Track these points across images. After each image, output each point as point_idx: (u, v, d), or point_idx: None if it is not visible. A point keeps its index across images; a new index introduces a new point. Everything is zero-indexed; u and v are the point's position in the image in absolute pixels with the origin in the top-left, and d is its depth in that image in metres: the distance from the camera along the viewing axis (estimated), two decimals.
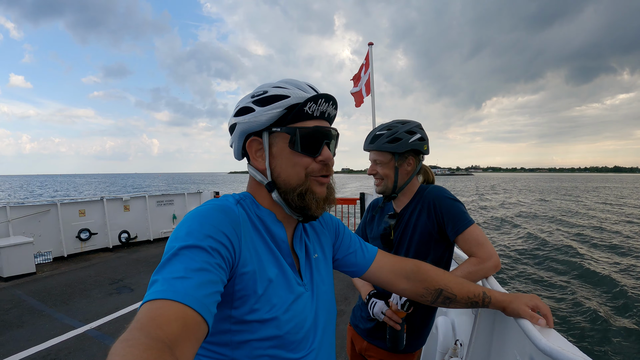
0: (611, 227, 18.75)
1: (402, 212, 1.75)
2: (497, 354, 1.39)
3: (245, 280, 0.80)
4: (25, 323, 4.40)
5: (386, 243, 1.74)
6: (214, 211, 0.81)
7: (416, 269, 1.18)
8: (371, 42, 6.92)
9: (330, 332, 1.02)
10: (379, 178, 1.71)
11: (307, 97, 0.88)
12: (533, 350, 1.04)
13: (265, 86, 0.92)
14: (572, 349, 0.88)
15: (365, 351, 1.81)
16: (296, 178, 0.91)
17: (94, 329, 4.23)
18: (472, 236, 1.51)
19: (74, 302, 5.10)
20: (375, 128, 1.71)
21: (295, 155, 0.90)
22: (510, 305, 1.14)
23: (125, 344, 0.52)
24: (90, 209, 8.33)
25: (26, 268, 6.41)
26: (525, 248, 13.90)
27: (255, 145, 0.93)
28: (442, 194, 1.63)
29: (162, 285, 0.64)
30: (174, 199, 10.08)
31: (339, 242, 1.17)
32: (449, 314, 2.49)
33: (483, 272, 1.46)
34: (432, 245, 1.65)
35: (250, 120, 0.88)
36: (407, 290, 1.19)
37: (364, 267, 1.17)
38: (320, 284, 1.01)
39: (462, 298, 1.18)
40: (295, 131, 0.88)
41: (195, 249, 0.71)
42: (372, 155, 1.72)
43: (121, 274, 6.49)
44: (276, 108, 0.87)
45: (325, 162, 0.92)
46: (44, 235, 7.47)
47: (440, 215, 1.59)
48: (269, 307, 0.82)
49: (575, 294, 8.59)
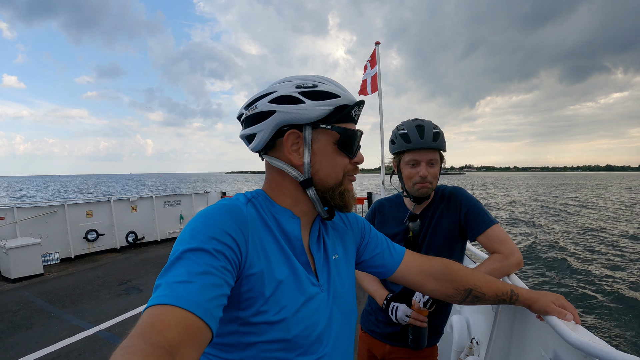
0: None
1: (423, 213, 1.72)
2: (517, 350, 1.41)
3: (252, 282, 0.78)
4: (34, 324, 4.41)
5: (411, 246, 1.69)
6: (220, 212, 0.79)
7: (445, 269, 1.16)
8: (378, 41, 6.93)
9: (347, 336, 0.98)
10: (429, 181, 1.60)
11: (355, 101, 0.90)
12: (558, 345, 1.07)
13: (305, 78, 0.89)
14: (601, 342, 0.89)
15: (389, 355, 1.78)
16: (334, 177, 0.91)
17: (104, 330, 4.24)
18: (495, 234, 1.53)
19: (82, 303, 5.11)
20: (422, 123, 1.61)
21: (338, 154, 0.90)
22: (538, 302, 1.16)
23: (125, 350, 0.51)
24: (97, 209, 8.38)
25: (34, 269, 6.44)
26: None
27: (293, 139, 0.88)
28: (464, 194, 1.66)
29: (164, 290, 0.63)
30: (180, 200, 10.12)
31: (365, 242, 1.15)
32: (463, 313, 2.46)
33: (507, 268, 1.46)
34: (452, 245, 1.66)
35: (298, 111, 0.84)
36: (436, 291, 1.17)
37: (392, 268, 1.15)
38: (338, 285, 0.98)
39: (490, 296, 1.18)
40: (344, 131, 0.89)
41: (199, 251, 0.70)
42: (428, 155, 1.59)
43: (129, 275, 6.52)
44: (328, 105, 0.85)
45: (359, 163, 0.96)
46: (51, 236, 7.52)
47: (464, 215, 1.61)
48: (277, 309, 0.80)
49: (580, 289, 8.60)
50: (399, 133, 1.63)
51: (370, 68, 6.98)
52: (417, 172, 1.60)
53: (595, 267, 10.51)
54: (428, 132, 1.57)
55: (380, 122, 6.78)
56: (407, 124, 1.62)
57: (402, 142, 1.61)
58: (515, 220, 20.66)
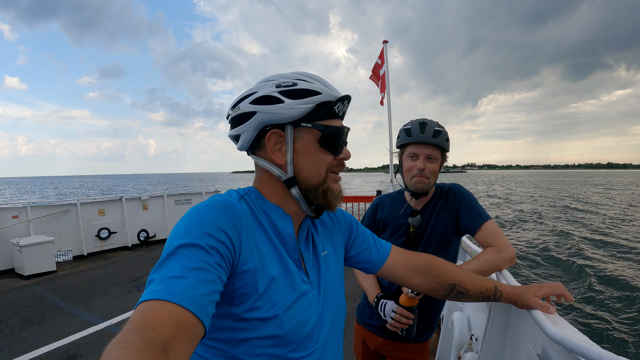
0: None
1: (423, 209, 1.76)
2: (511, 346, 1.40)
3: (245, 278, 0.78)
4: (47, 319, 4.50)
5: (411, 241, 1.74)
6: (214, 208, 0.79)
7: (429, 264, 1.18)
8: (386, 39, 6.90)
9: (338, 331, 1.00)
10: (425, 175, 1.65)
11: (338, 97, 0.88)
12: (545, 340, 1.07)
13: (286, 76, 0.88)
14: (581, 337, 0.88)
15: (382, 347, 1.83)
16: (317, 175, 0.90)
17: (114, 325, 4.31)
18: (490, 229, 1.57)
19: (94, 299, 5.20)
20: (425, 121, 1.66)
21: (321, 152, 0.89)
22: (520, 299, 1.16)
23: (118, 345, 0.51)
24: (109, 208, 8.49)
25: (47, 266, 6.56)
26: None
27: (275, 138, 0.88)
28: (461, 190, 1.72)
29: (157, 285, 0.63)
30: (191, 198, 10.21)
31: (353, 238, 1.16)
32: (464, 310, 2.47)
33: (500, 262, 1.48)
34: (449, 240, 1.71)
35: (278, 111, 0.83)
36: (422, 285, 1.19)
37: (378, 263, 1.16)
38: (329, 281, 0.99)
39: (474, 292, 1.19)
40: (326, 129, 0.87)
41: (193, 247, 0.70)
42: (427, 150, 1.65)
43: (140, 272, 6.60)
44: (308, 103, 0.85)
45: (345, 160, 0.95)
46: (64, 234, 7.65)
47: (460, 211, 1.66)
48: (270, 306, 0.80)
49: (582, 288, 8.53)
50: (403, 128, 1.72)
51: (380, 69, 6.95)
52: (415, 165, 1.66)
53: (603, 265, 10.45)
54: (429, 129, 1.64)
55: (388, 121, 6.76)
56: (412, 121, 1.70)
57: (404, 136, 1.69)
58: (512, 219, 20.77)
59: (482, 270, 1.46)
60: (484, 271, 1.46)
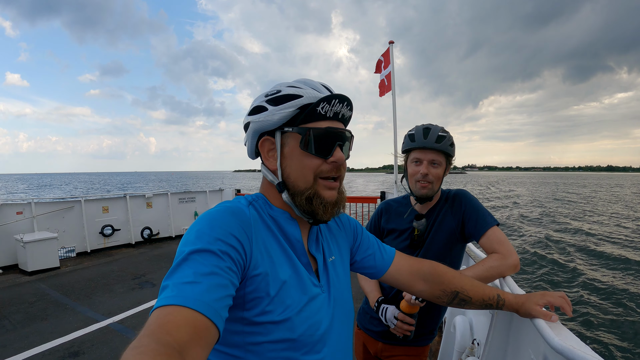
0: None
1: (429, 213, 1.76)
2: (513, 353, 1.40)
3: (257, 282, 0.79)
4: (50, 316, 4.52)
5: (415, 245, 1.74)
6: (224, 214, 0.81)
7: (433, 271, 1.18)
8: (392, 40, 6.89)
9: (347, 334, 1.00)
10: (429, 181, 1.66)
11: (320, 97, 0.86)
12: (547, 349, 1.06)
13: (279, 85, 0.91)
14: (584, 348, 0.88)
15: (382, 352, 1.84)
16: (303, 180, 0.89)
17: (116, 322, 4.33)
18: (495, 235, 1.57)
19: (97, 296, 5.22)
20: (429, 126, 1.67)
21: (306, 156, 0.88)
22: (523, 307, 1.16)
23: (136, 351, 0.52)
24: (113, 205, 8.52)
25: (50, 262, 6.60)
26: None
27: (268, 145, 0.91)
28: (468, 196, 1.72)
29: (171, 291, 0.64)
30: (195, 197, 10.23)
31: (358, 243, 1.17)
32: (467, 314, 2.46)
33: (504, 268, 1.48)
34: (453, 245, 1.71)
35: (263, 119, 0.87)
36: (425, 292, 1.19)
37: (382, 269, 1.17)
38: (337, 285, 1.00)
39: (477, 300, 1.19)
40: (306, 131, 0.86)
41: (205, 252, 0.71)
42: (430, 155, 1.65)
43: (143, 270, 6.63)
44: (288, 107, 0.86)
45: (337, 163, 0.90)
46: (68, 230, 7.68)
47: (466, 216, 1.66)
48: (282, 309, 0.81)
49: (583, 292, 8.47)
50: (408, 134, 1.73)
51: (384, 68, 6.94)
52: (419, 170, 1.66)
53: (603, 272, 10.41)
54: (433, 134, 1.64)
55: (393, 122, 6.76)
56: (417, 127, 1.71)
57: (408, 142, 1.71)
58: (513, 221, 20.74)
59: (485, 276, 1.45)
60: (487, 277, 1.45)
